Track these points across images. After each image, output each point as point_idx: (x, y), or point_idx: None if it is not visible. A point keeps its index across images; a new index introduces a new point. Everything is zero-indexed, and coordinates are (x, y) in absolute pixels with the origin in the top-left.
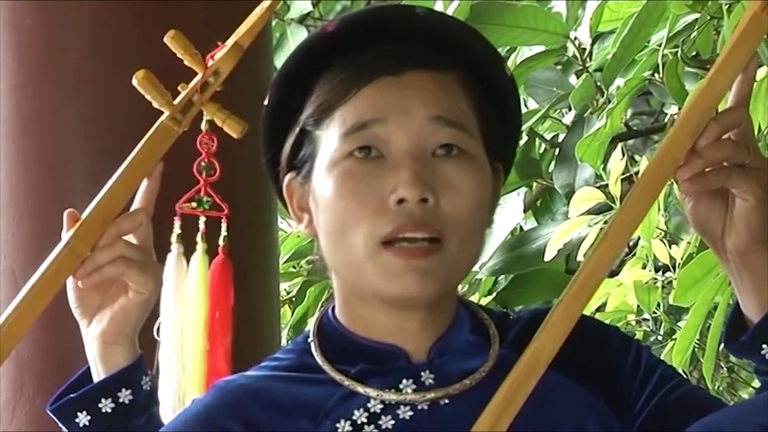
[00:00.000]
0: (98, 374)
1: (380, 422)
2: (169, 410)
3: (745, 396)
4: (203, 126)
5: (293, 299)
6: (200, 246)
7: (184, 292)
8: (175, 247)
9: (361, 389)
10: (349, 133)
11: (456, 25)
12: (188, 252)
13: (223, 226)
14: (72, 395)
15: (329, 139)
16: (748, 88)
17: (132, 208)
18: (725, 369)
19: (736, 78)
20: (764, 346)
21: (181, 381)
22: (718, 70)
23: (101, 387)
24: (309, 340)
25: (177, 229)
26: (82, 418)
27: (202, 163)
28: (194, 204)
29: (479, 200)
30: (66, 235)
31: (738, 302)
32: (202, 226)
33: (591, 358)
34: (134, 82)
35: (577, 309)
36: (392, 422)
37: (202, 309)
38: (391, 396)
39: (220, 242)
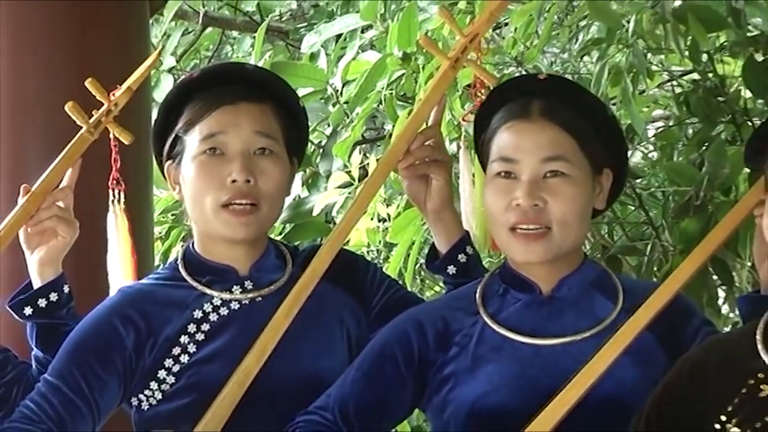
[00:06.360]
0: (36, 284)
1: (219, 311)
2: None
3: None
4: (111, 137)
5: (162, 238)
6: (118, 206)
7: (122, 233)
8: (112, 208)
9: (208, 291)
10: (203, 139)
11: (270, 74)
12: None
13: (122, 195)
14: (21, 297)
15: (192, 142)
16: (440, 115)
17: (61, 186)
18: (419, 280)
19: (433, 108)
20: (449, 268)
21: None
22: (422, 104)
23: (38, 291)
24: (177, 262)
25: (112, 197)
26: (27, 310)
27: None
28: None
29: (282, 181)
30: (21, 200)
31: (434, 242)
32: (116, 195)
33: (347, 273)
34: (66, 108)
35: (338, 244)
36: (227, 311)
37: (127, 242)
38: (226, 296)
39: (122, 204)
